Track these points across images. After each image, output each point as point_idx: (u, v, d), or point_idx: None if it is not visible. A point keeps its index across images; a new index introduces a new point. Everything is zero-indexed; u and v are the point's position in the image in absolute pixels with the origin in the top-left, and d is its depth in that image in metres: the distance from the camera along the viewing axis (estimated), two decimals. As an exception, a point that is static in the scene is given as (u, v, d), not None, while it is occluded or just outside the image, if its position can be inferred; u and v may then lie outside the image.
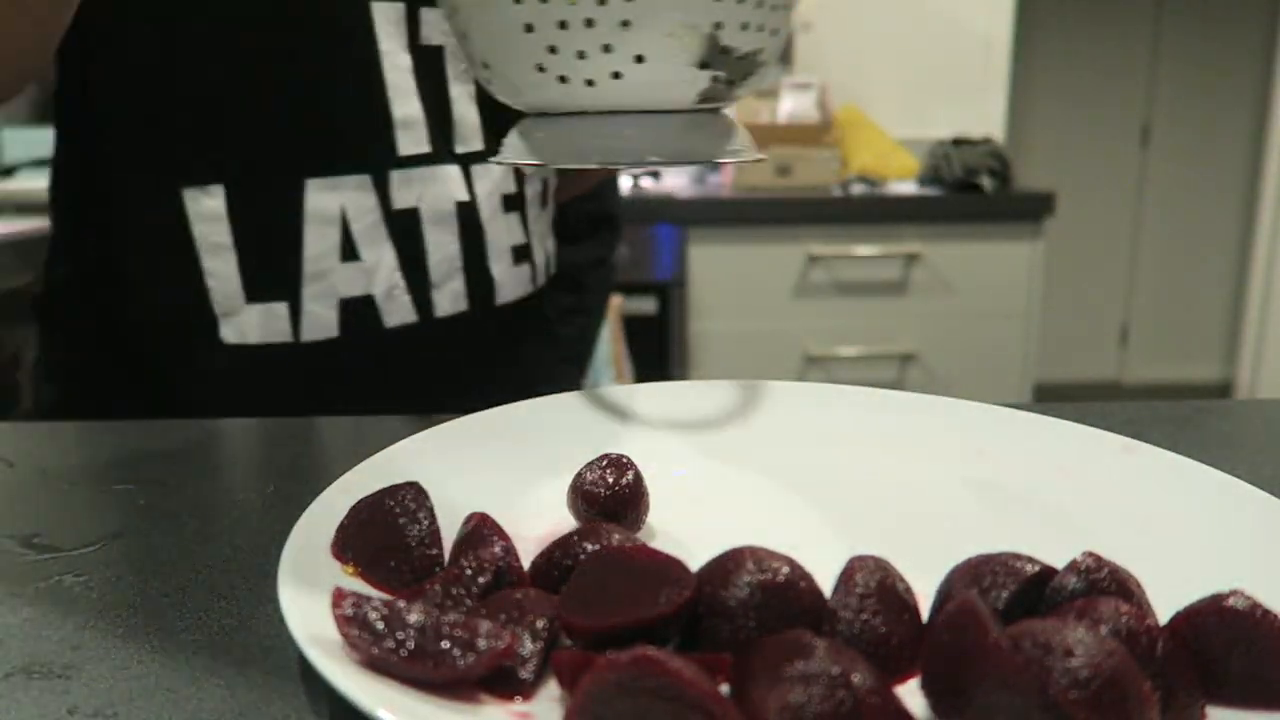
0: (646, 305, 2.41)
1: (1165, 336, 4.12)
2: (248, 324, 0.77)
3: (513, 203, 0.89)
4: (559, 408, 0.56)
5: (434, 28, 0.80)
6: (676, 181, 2.66)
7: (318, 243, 0.77)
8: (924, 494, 0.49)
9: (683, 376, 2.41)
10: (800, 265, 2.37)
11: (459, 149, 0.83)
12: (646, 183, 2.56)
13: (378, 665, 0.31)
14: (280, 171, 0.76)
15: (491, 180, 0.86)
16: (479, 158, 0.84)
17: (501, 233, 0.86)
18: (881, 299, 2.45)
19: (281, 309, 0.77)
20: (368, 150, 0.78)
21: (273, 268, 0.77)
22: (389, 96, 0.78)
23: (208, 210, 0.76)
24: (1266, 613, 0.31)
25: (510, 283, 0.88)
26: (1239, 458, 0.43)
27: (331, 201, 0.77)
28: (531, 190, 0.92)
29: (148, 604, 0.41)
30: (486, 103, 0.82)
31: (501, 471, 0.48)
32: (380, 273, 0.80)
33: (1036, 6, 3.60)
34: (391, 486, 0.40)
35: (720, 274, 2.39)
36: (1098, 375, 4.11)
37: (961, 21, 2.80)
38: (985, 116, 2.82)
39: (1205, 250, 4.06)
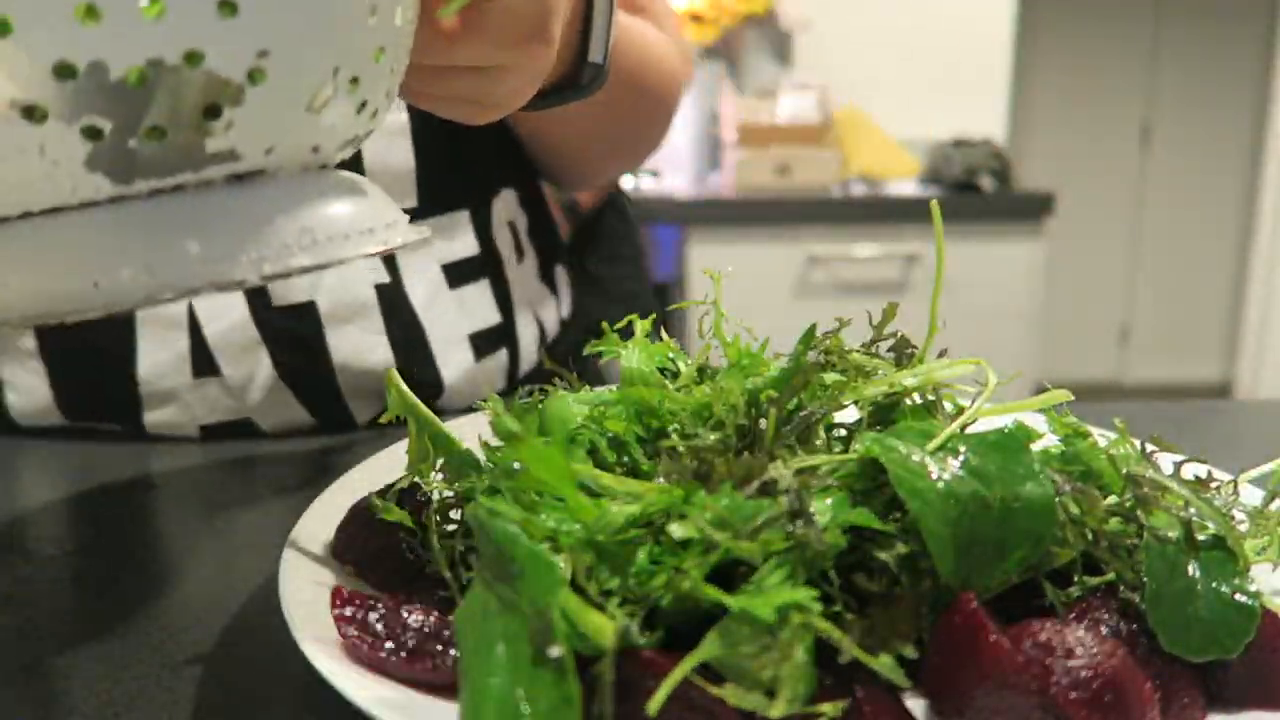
0: (647, 305, 2.41)
1: (1165, 336, 4.12)
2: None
3: (470, 270, 0.65)
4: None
5: None
6: (676, 181, 2.66)
7: (156, 354, 0.58)
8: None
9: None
10: (800, 265, 2.37)
11: None
12: (647, 183, 2.56)
13: (377, 665, 0.31)
14: None
15: (429, 247, 0.63)
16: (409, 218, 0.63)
17: (448, 320, 0.64)
18: (881, 299, 2.44)
19: (116, 431, 0.61)
20: None
21: (97, 385, 0.59)
22: None
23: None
24: (1266, 612, 0.31)
25: (471, 384, 0.65)
26: (1239, 458, 0.43)
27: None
28: (505, 240, 0.68)
29: (147, 604, 0.41)
30: (426, 141, 0.62)
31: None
32: (255, 390, 0.60)
33: (1036, 6, 3.60)
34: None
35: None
36: (1098, 375, 4.11)
37: (961, 21, 2.79)
38: (985, 116, 2.82)
39: (1205, 250, 4.05)
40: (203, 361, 0.58)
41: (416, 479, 0.39)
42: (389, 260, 0.61)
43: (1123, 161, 4.02)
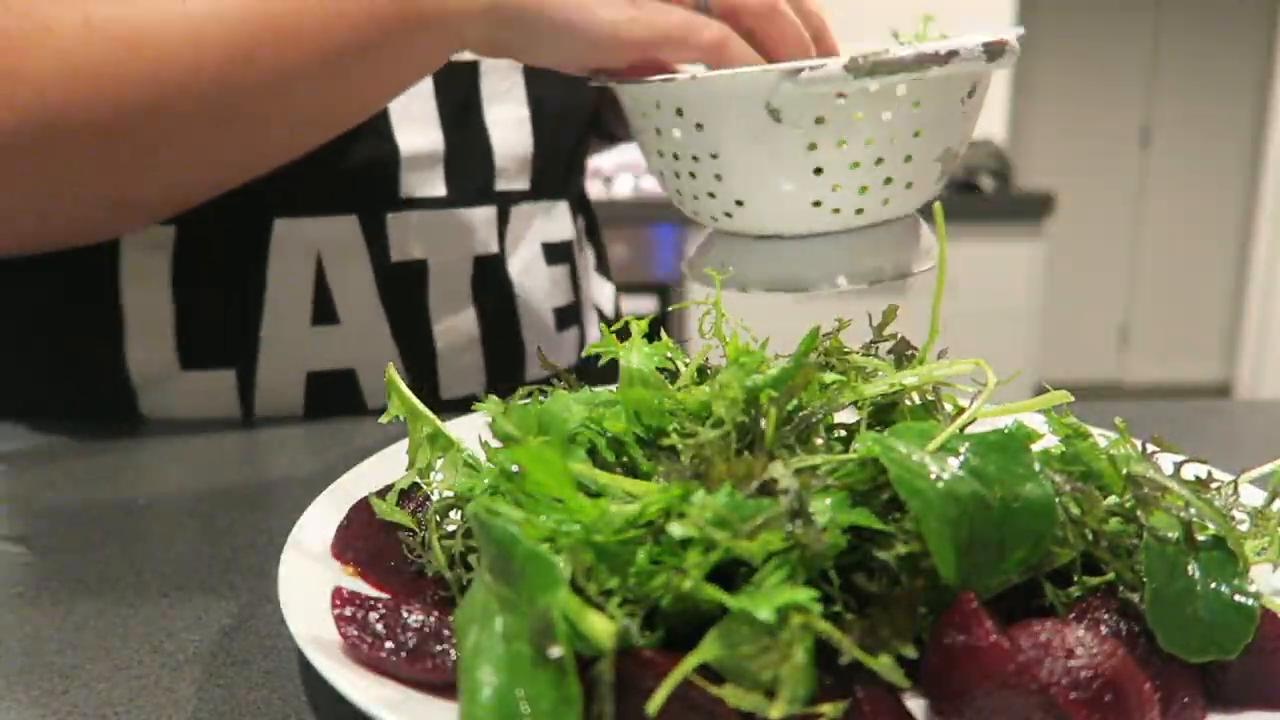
0: (646, 305, 2.41)
1: (1165, 336, 4.12)
2: (179, 394, 0.63)
3: (560, 253, 0.73)
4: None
5: None
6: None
7: (283, 299, 0.62)
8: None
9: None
10: (800, 265, 2.37)
11: (500, 186, 0.67)
12: (646, 182, 2.56)
13: (377, 665, 0.31)
14: (240, 205, 0.58)
15: (532, 228, 0.70)
16: (522, 197, 0.69)
17: (541, 292, 0.71)
18: (881, 299, 2.44)
19: (228, 378, 0.63)
20: (358, 188, 0.62)
21: (218, 328, 0.62)
22: (394, 124, 0.62)
23: (146, 242, 0.60)
24: (1266, 612, 0.31)
25: (551, 352, 0.72)
26: (1239, 458, 0.43)
27: (306, 249, 0.62)
28: (576, 228, 0.76)
29: (148, 604, 0.41)
30: (539, 134, 0.68)
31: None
32: (364, 341, 0.64)
33: (1036, 6, 3.60)
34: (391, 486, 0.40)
35: (720, 274, 2.39)
36: (1098, 375, 4.11)
37: (961, 22, 2.80)
38: (985, 116, 2.82)
39: (1205, 250, 4.06)
40: (324, 310, 0.63)
41: (416, 479, 0.39)
42: (501, 235, 0.68)
43: (1123, 161, 4.02)
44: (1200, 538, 0.32)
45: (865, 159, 0.45)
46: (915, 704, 0.30)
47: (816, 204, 0.47)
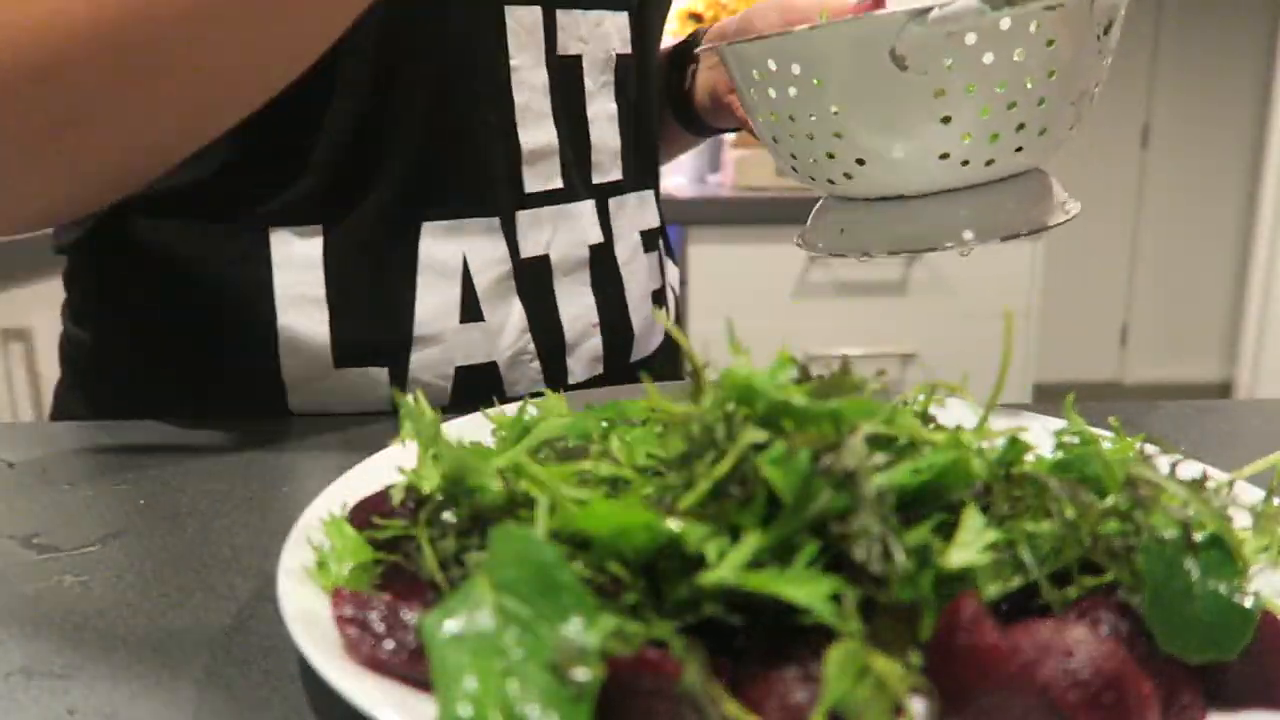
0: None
1: (1165, 336, 4.12)
2: (332, 391, 0.65)
3: (652, 239, 0.77)
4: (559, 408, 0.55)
5: (571, 34, 0.66)
6: (676, 181, 2.66)
7: (433, 299, 0.65)
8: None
9: (682, 376, 2.39)
10: (800, 265, 2.37)
11: (596, 179, 0.70)
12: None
13: (378, 665, 0.31)
14: (392, 212, 0.63)
15: (629, 216, 0.74)
16: (617, 189, 0.72)
17: (641, 277, 0.75)
18: (881, 299, 2.45)
19: (380, 374, 0.65)
20: (494, 188, 0.65)
21: (374, 330, 0.65)
22: (517, 122, 0.64)
23: (298, 257, 0.63)
24: (1266, 613, 0.31)
25: (648, 334, 0.77)
26: (1239, 458, 0.43)
27: (452, 250, 0.64)
28: (661, 216, 0.81)
29: (148, 604, 0.41)
30: (631, 124, 0.72)
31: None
32: (505, 335, 0.67)
33: (1036, 6, 3.60)
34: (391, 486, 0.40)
35: (720, 274, 2.40)
36: (1098, 375, 4.11)
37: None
38: (985, 116, 2.82)
39: (1205, 250, 4.05)
40: (470, 308, 0.66)
41: (411, 483, 0.39)
42: (605, 224, 0.71)
43: (1122, 161, 4.02)
44: (1198, 537, 0.32)
45: (997, 104, 0.42)
46: (915, 704, 0.30)
47: (944, 156, 0.44)
